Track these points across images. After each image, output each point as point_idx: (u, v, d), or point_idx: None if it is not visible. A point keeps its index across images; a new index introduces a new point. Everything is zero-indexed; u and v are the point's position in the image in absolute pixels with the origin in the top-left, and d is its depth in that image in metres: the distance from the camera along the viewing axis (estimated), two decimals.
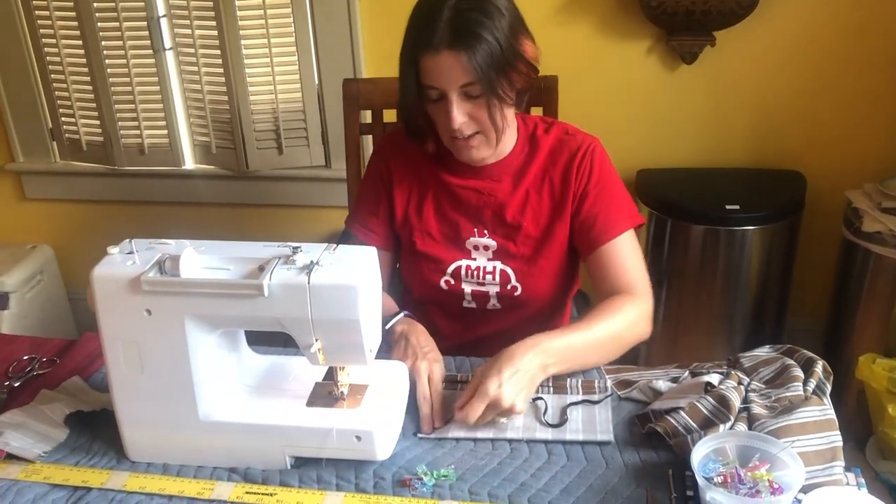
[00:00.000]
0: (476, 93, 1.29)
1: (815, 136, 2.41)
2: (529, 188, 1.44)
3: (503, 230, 1.45)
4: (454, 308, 1.49)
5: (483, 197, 1.44)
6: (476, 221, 1.45)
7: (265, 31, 2.45)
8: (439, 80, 1.28)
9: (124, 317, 1.10)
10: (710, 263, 2.29)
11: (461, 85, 1.28)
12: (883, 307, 2.21)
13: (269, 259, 1.08)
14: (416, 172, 1.48)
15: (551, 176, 1.44)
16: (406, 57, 1.30)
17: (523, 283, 1.44)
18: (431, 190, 1.47)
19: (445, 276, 1.46)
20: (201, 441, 1.15)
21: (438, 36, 1.25)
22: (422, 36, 1.27)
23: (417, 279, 1.49)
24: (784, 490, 0.98)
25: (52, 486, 1.13)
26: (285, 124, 2.56)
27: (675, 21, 2.26)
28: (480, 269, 1.45)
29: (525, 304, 1.46)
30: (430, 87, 1.30)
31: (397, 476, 1.11)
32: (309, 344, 1.09)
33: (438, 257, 1.46)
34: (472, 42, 1.24)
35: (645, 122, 2.45)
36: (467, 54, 1.24)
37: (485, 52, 1.25)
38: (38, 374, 1.37)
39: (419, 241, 1.46)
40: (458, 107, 1.29)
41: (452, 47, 1.25)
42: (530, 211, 1.44)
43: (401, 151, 1.49)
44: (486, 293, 1.46)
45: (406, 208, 1.47)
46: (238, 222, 2.79)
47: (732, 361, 1.29)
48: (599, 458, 1.14)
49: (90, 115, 2.67)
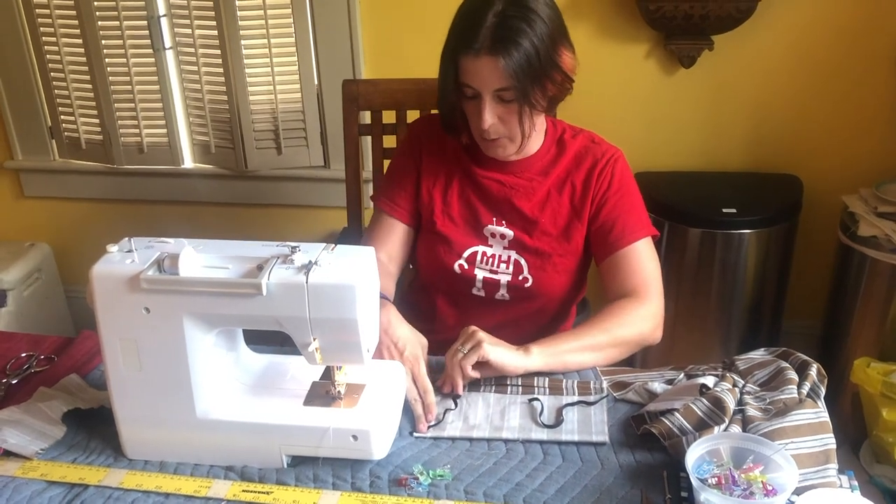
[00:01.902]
0: (509, 98, 1.34)
1: (812, 141, 2.42)
2: (551, 188, 1.48)
3: (521, 223, 1.48)
4: (462, 295, 1.51)
5: (505, 189, 1.48)
6: (495, 211, 1.49)
7: (265, 31, 2.45)
8: (476, 81, 1.33)
9: (123, 315, 1.10)
10: (706, 266, 2.30)
11: (496, 89, 1.33)
12: (878, 311, 2.22)
13: (267, 258, 1.09)
14: (445, 158, 1.52)
15: (573, 179, 1.48)
16: (447, 55, 1.35)
17: (535, 276, 1.47)
18: (458, 176, 1.51)
19: (460, 259, 1.48)
20: (198, 439, 1.15)
21: (480, 40, 1.29)
22: (464, 38, 1.31)
23: (432, 260, 1.51)
24: (778, 492, 0.99)
25: (49, 483, 1.13)
26: (284, 124, 2.57)
27: (674, 25, 2.27)
28: (495, 257, 1.48)
29: (533, 297, 1.49)
30: (466, 86, 1.35)
31: (393, 475, 1.12)
32: (307, 343, 1.10)
33: (456, 240, 1.49)
34: (511, 50, 1.29)
35: (643, 126, 2.46)
36: (505, 61, 1.29)
37: (521, 60, 1.30)
38: (35, 371, 1.38)
39: (439, 221, 1.50)
40: (490, 109, 1.35)
41: (491, 53, 1.29)
42: (549, 209, 1.48)
43: (434, 135, 1.53)
44: (497, 282, 1.48)
45: (432, 188, 1.52)
46: (236, 222, 2.79)
47: (727, 364, 1.29)
48: (595, 459, 1.14)
49: (90, 113, 2.67)
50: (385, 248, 1.51)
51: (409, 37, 2.39)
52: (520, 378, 1.29)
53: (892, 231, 2.12)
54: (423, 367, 1.29)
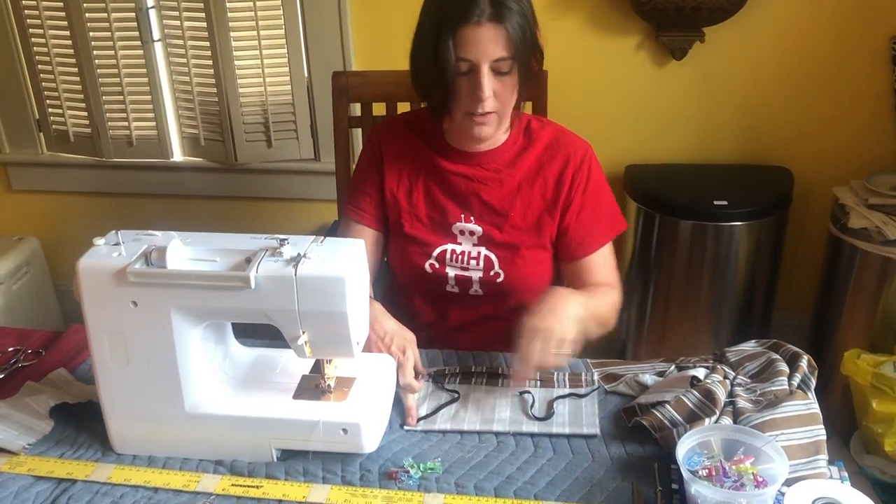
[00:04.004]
0: (505, 69, 1.31)
1: (803, 133, 2.42)
2: (522, 181, 1.46)
3: (490, 217, 1.46)
4: (437, 293, 1.50)
5: (472, 184, 1.46)
6: (463, 207, 1.47)
7: (254, 22, 2.43)
8: (475, 52, 1.28)
9: (110, 308, 1.09)
10: (697, 259, 2.30)
11: (494, 59, 1.29)
12: (868, 303, 2.22)
13: (256, 251, 1.08)
14: (408, 158, 1.49)
15: (545, 174, 1.46)
16: (442, 29, 1.29)
17: (506, 271, 1.46)
18: (423, 175, 1.49)
19: (430, 259, 1.47)
20: (187, 433, 1.14)
21: (480, 8, 1.26)
22: (461, 8, 1.27)
23: (403, 262, 1.50)
24: (768, 483, 0.99)
25: (37, 478, 1.12)
26: (274, 117, 2.55)
27: (665, 17, 2.27)
28: (465, 254, 1.46)
29: (506, 291, 1.47)
30: (461, 60, 1.29)
31: (384, 469, 1.11)
32: (296, 336, 1.09)
33: (425, 240, 1.47)
34: (513, 17, 1.27)
35: (633, 118, 2.45)
36: (507, 28, 1.27)
37: (522, 27, 1.28)
38: (23, 365, 1.37)
39: (407, 223, 1.48)
40: (488, 79, 1.30)
41: (494, 20, 1.26)
42: (520, 203, 1.46)
43: (394, 138, 1.50)
44: (469, 278, 1.47)
45: (396, 191, 1.49)
46: (226, 215, 2.78)
47: (718, 356, 1.29)
48: (585, 452, 1.14)
49: (78, 106, 2.65)
50: None
51: (400, 28, 2.36)
52: (510, 370, 1.29)
53: (882, 222, 2.13)
54: (412, 360, 1.28)
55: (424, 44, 1.33)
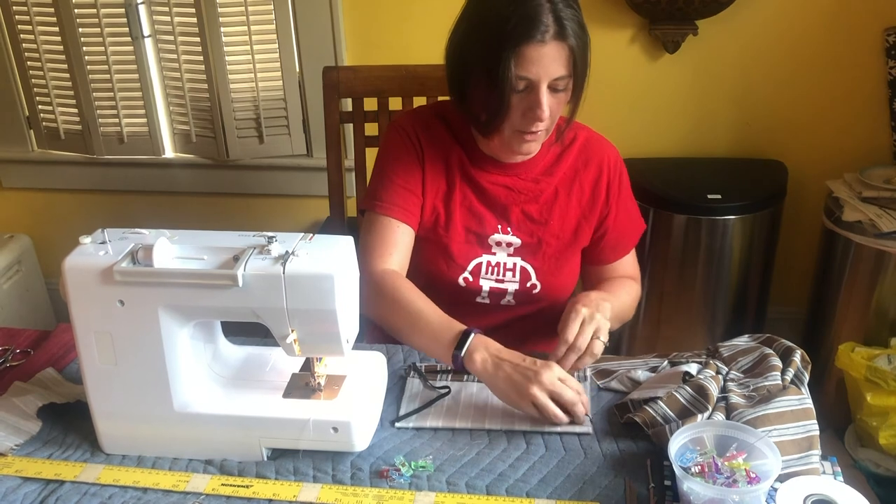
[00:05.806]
0: (561, 87, 1.28)
1: (797, 126, 2.41)
2: (559, 186, 1.44)
3: (528, 227, 1.44)
4: (466, 303, 1.45)
5: (513, 194, 1.42)
6: (501, 218, 1.43)
7: (245, 17, 2.42)
8: (534, 70, 1.24)
9: (97, 307, 1.08)
10: (691, 252, 2.30)
11: (554, 77, 1.26)
12: (862, 296, 2.22)
13: (243, 249, 1.07)
14: (446, 162, 1.43)
15: (581, 180, 1.45)
16: (496, 46, 1.24)
17: (543, 282, 1.44)
18: (458, 181, 1.43)
19: (465, 272, 1.43)
20: (176, 433, 1.13)
21: (546, 25, 1.22)
22: (524, 25, 1.23)
23: (434, 271, 1.44)
24: (761, 479, 0.99)
25: (24, 479, 1.11)
26: (266, 113, 2.54)
27: (658, 10, 2.26)
28: (501, 266, 1.43)
29: (540, 300, 1.46)
30: (520, 78, 1.25)
31: (375, 467, 1.11)
32: (284, 335, 1.08)
33: (460, 251, 1.43)
34: (576, 33, 1.25)
35: (627, 112, 2.45)
36: (569, 45, 1.24)
37: (583, 44, 1.27)
38: (11, 365, 1.35)
39: (443, 232, 1.42)
40: (547, 98, 1.27)
41: (558, 38, 1.23)
42: (558, 209, 1.44)
43: (433, 139, 1.43)
44: (504, 290, 1.44)
45: (435, 196, 1.43)
46: (218, 212, 2.76)
47: (711, 351, 1.29)
48: (578, 448, 1.13)
49: (68, 103, 2.63)
50: (399, 258, 1.39)
51: (392, 23, 2.36)
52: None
53: (876, 215, 2.13)
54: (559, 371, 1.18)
55: (478, 61, 1.28)
